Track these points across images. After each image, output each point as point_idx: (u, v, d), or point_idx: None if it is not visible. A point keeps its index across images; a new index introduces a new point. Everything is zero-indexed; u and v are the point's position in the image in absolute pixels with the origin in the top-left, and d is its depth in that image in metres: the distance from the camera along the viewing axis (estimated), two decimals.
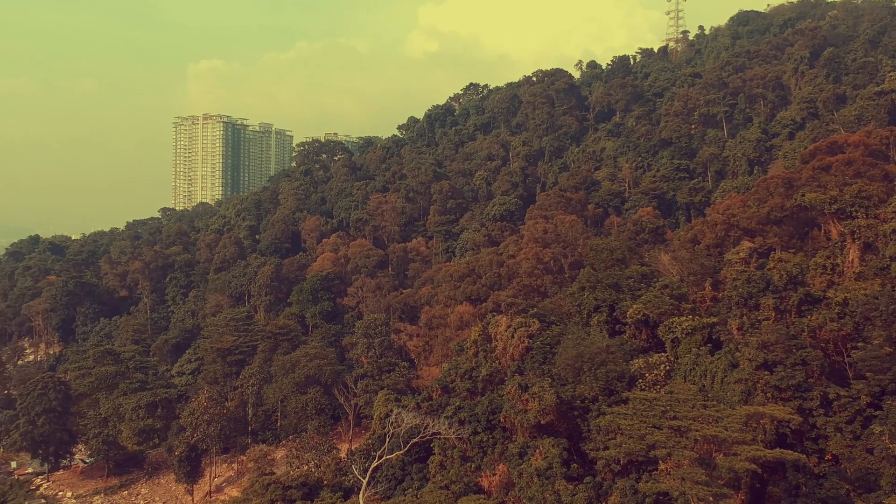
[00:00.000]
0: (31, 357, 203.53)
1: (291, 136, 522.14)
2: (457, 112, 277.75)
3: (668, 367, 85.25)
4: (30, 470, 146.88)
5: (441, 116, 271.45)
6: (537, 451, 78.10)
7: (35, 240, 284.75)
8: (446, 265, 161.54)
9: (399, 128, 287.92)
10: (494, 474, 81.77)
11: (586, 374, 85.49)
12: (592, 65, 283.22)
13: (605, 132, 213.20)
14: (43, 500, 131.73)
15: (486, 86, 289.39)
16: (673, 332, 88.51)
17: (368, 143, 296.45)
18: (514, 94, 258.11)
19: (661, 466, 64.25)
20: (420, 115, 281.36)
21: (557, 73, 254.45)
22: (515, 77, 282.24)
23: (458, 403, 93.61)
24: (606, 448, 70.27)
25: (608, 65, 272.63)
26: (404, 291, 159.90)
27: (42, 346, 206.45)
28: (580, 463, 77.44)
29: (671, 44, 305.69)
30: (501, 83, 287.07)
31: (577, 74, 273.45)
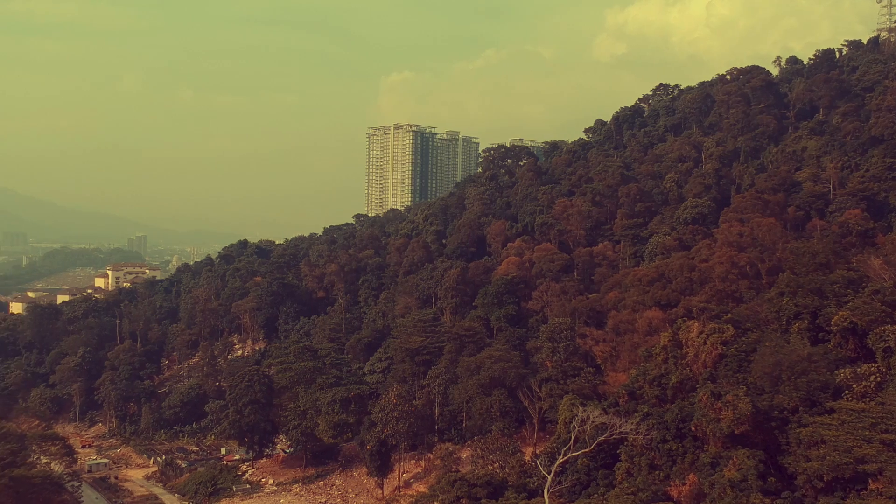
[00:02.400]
0: (240, 352, 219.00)
1: (477, 143, 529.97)
2: (645, 113, 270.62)
3: (879, 379, 78.54)
4: (237, 457, 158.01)
5: (629, 118, 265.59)
6: (731, 462, 74.49)
7: (243, 244, 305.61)
8: (634, 270, 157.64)
9: (585, 131, 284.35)
10: (684, 484, 78.78)
11: (785, 383, 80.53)
12: (792, 60, 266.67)
13: (807, 130, 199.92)
14: (248, 485, 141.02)
15: (676, 86, 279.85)
16: (885, 340, 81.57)
17: (554, 147, 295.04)
18: (706, 94, 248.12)
19: (872, 486, 59.25)
20: (606, 119, 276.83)
21: (754, 71, 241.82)
22: (706, 77, 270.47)
23: (646, 410, 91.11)
24: (808, 461, 65.70)
25: (810, 60, 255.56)
26: (590, 296, 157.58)
27: (249, 342, 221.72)
28: (777, 477, 73.04)
29: (883, 34, 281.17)
30: (692, 83, 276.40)
31: (774, 71, 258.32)
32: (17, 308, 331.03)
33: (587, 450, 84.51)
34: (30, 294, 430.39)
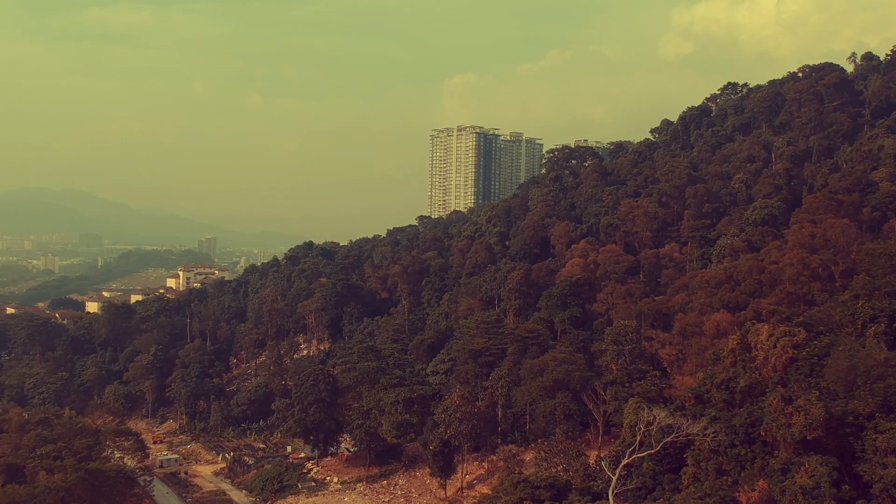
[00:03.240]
0: (305, 352, 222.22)
1: (541, 144, 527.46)
2: (713, 113, 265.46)
3: None
4: (302, 455, 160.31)
5: (696, 118, 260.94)
6: (802, 468, 72.47)
7: (309, 246, 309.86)
8: (702, 272, 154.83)
9: (651, 131, 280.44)
10: (753, 490, 76.95)
11: (861, 388, 78.13)
12: (868, 56, 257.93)
13: (884, 129, 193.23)
14: (313, 483, 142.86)
15: (745, 84, 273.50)
16: None
17: (619, 147, 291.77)
18: (776, 92, 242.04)
19: None
20: (673, 119, 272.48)
21: (827, 68, 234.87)
22: (776, 75, 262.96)
23: (713, 414, 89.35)
24: (885, 468, 63.55)
25: (887, 56, 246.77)
26: (656, 298, 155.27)
27: (314, 341, 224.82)
28: (852, 485, 70.82)
29: None
30: (761, 82, 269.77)
31: (849, 68, 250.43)
32: (92, 307, 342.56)
33: (653, 451, 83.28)
34: (105, 294, 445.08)
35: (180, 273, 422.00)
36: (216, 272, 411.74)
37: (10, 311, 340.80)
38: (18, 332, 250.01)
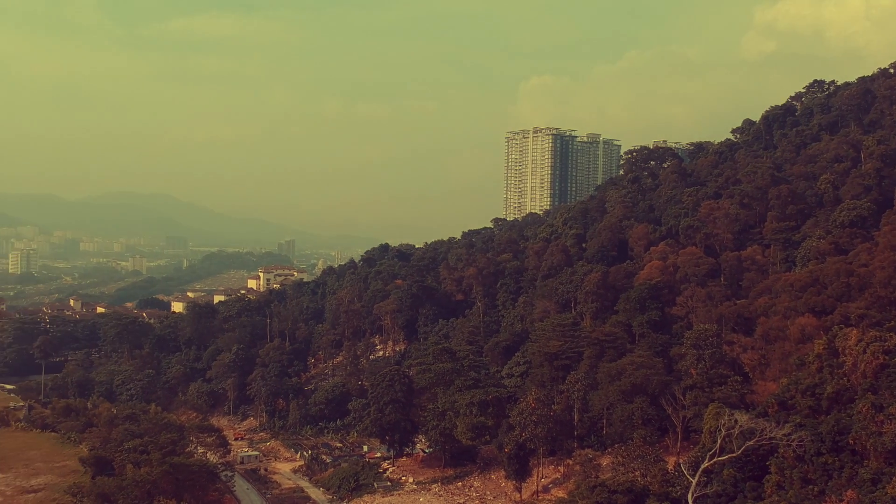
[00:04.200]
0: (381, 353, 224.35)
1: (619, 146, 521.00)
2: (798, 112, 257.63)
3: None
4: (378, 454, 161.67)
5: (780, 117, 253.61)
6: (894, 478, 69.47)
7: (385, 248, 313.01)
8: (785, 275, 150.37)
9: (733, 131, 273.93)
10: (841, 500, 74.17)
11: None
12: None
13: None
14: (388, 483, 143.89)
15: (832, 82, 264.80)
16: None
17: (699, 148, 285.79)
18: (866, 90, 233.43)
19: None
20: (755, 118, 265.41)
21: None
22: (866, 72, 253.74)
23: (798, 420, 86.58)
24: None
25: None
26: (738, 302, 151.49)
27: (390, 342, 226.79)
28: None
29: None
30: (850, 79, 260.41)
31: None
32: (177, 307, 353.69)
33: (734, 455, 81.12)
34: (189, 294, 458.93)
35: (261, 274, 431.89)
36: (295, 274, 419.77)
37: (100, 310, 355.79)
38: (108, 331, 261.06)
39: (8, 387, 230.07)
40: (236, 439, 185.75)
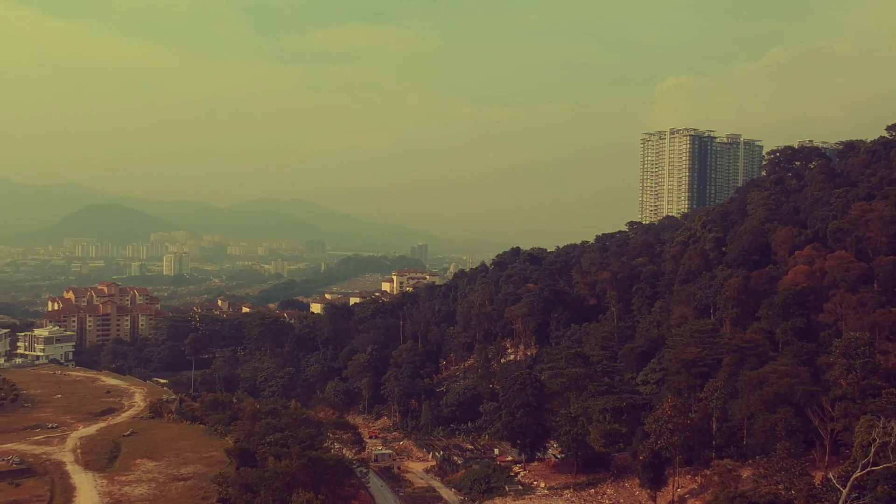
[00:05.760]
0: (512, 356, 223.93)
1: (761, 146, 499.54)
2: None
3: None
4: (509, 458, 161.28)
5: None
6: None
7: (516, 252, 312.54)
8: None
9: (887, 129, 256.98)
10: None
11: None
12: None
13: None
14: (520, 487, 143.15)
15: None
16: None
17: (849, 147, 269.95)
18: None
19: None
20: None
21: None
22: None
23: None
24: None
25: None
26: (893, 309, 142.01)
27: (521, 346, 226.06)
28: None
29: None
30: None
31: None
32: (316, 308, 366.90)
33: (890, 464, 75.86)
34: (327, 296, 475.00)
35: (394, 277, 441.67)
36: (427, 277, 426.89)
37: (245, 310, 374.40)
38: (252, 330, 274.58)
39: (161, 381, 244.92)
40: (370, 437, 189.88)
